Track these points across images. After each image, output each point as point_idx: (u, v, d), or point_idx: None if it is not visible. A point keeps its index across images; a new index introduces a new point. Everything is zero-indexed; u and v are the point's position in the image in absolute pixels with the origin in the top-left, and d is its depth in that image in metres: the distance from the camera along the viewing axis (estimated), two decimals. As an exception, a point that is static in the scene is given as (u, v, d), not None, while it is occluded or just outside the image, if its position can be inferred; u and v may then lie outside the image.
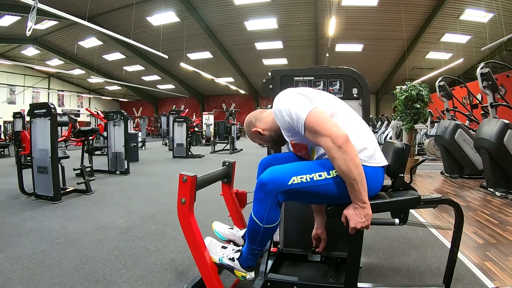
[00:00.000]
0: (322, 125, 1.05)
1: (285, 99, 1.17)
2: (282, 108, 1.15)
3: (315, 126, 1.06)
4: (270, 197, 1.11)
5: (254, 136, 1.38)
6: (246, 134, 1.44)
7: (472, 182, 4.32)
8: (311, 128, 1.07)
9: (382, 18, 10.63)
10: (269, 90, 1.79)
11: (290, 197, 1.15)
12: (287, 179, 1.10)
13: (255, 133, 1.36)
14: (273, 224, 1.16)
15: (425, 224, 2.54)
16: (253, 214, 1.17)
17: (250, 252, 1.25)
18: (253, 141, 1.43)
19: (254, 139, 1.41)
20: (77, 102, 22.65)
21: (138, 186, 4.23)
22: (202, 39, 13.05)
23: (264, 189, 1.11)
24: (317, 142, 1.08)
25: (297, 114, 1.10)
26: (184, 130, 7.89)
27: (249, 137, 1.42)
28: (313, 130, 1.07)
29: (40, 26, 11.95)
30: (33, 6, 5.24)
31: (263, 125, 1.34)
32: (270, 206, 1.12)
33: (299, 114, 1.09)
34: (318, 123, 1.06)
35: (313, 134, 1.08)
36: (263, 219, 1.14)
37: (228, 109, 21.00)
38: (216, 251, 1.31)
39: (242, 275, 1.27)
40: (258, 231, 1.17)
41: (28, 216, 2.79)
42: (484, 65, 3.80)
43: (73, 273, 1.70)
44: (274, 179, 1.10)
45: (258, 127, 1.34)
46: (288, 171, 1.12)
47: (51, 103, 3.38)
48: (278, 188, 1.10)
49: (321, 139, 1.05)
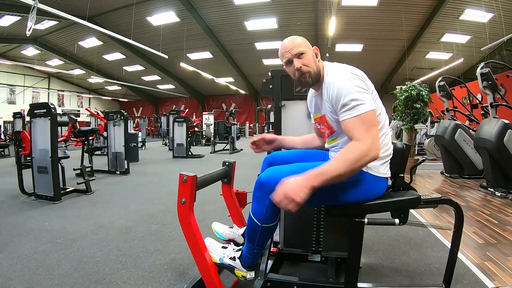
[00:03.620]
0: (370, 130, 1.02)
1: (349, 78, 1.07)
2: (342, 84, 1.06)
3: (364, 126, 1.01)
4: (268, 196, 1.11)
5: (308, 47, 1.19)
6: (298, 40, 1.20)
7: (472, 182, 4.32)
8: (364, 122, 1.02)
9: (382, 18, 10.62)
10: (269, 90, 1.79)
11: None
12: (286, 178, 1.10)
13: (313, 50, 1.21)
14: (271, 224, 1.17)
15: (425, 224, 2.54)
16: (251, 213, 1.18)
17: (249, 252, 1.25)
18: (300, 47, 1.18)
19: (304, 48, 1.18)
20: (77, 102, 22.64)
21: (138, 186, 4.23)
22: (202, 39, 13.04)
23: (263, 188, 1.13)
24: (351, 135, 1.04)
25: (355, 101, 1.03)
26: (184, 130, 7.89)
27: (302, 44, 1.20)
28: (363, 125, 1.02)
29: (40, 26, 11.94)
30: (33, 6, 5.24)
31: (319, 59, 1.20)
32: (268, 205, 1.12)
33: (358, 104, 1.03)
34: (368, 125, 1.02)
35: (355, 129, 1.02)
36: (261, 218, 1.15)
37: (228, 109, 20.99)
38: (216, 251, 1.31)
39: (242, 275, 1.27)
40: (257, 230, 1.18)
41: (28, 216, 2.79)
42: (484, 65, 3.80)
43: (73, 273, 1.70)
44: (273, 179, 1.11)
45: (316, 52, 1.21)
46: (287, 172, 1.12)
47: (51, 103, 3.38)
48: (275, 188, 1.11)
49: (358, 139, 1.01)
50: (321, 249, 1.72)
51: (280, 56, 1.24)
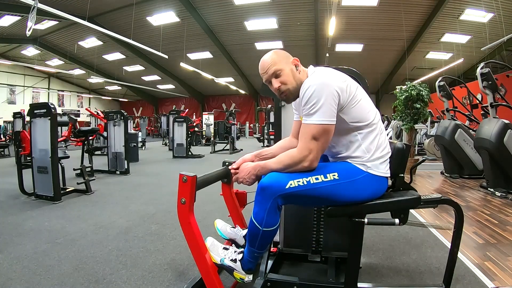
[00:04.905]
0: (311, 142, 1.10)
1: (320, 84, 1.09)
2: (310, 89, 1.09)
3: (308, 137, 1.10)
4: (269, 201, 1.14)
5: (285, 62, 1.21)
6: (273, 57, 1.22)
7: (472, 182, 4.32)
8: (311, 132, 1.10)
9: (382, 18, 10.62)
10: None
11: (289, 200, 1.17)
12: (285, 183, 1.13)
13: (291, 63, 1.23)
14: (272, 228, 1.18)
15: (425, 224, 2.54)
16: (253, 217, 1.19)
17: (250, 255, 1.26)
18: (275, 65, 1.20)
19: (280, 65, 1.21)
20: (77, 102, 22.63)
21: (138, 186, 4.23)
22: (202, 39, 13.04)
23: (264, 193, 1.15)
24: (300, 138, 1.14)
25: (313, 109, 1.08)
26: (184, 130, 7.89)
27: (277, 61, 1.21)
28: (309, 135, 1.10)
29: (40, 26, 11.94)
30: (33, 6, 5.23)
31: (299, 70, 1.24)
32: (269, 209, 1.14)
33: (313, 113, 1.09)
34: (313, 137, 1.10)
35: (306, 134, 1.11)
36: (262, 222, 1.16)
37: (228, 109, 20.98)
38: (217, 252, 1.31)
39: (240, 277, 1.28)
40: (258, 234, 1.18)
41: (28, 216, 2.79)
42: (484, 65, 3.80)
43: (73, 273, 1.70)
44: (273, 183, 1.13)
45: (296, 63, 1.24)
46: (286, 175, 1.15)
47: (51, 103, 3.38)
48: (276, 192, 1.13)
49: (298, 147, 1.13)
50: (321, 249, 1.72)
51: (261, 76, 1.29)
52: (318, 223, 1.72)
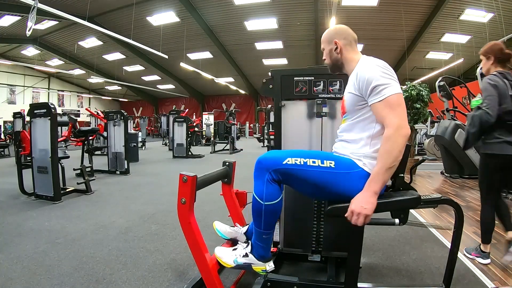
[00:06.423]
0: (402, 109, 1.10)
1: (378, 66, 1.18)
2: (371, 71, 1.15)
3: (396, 106, 1.09)
4: (265, 173, 1.17)
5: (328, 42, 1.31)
6: (324, 36, 1.34)
7: (472, 182, 4.32)
8: (391, 104, 1.09)
9: (382, 18, 10.62)
10: (269, 90, 1.79)
11: (284, 177, 1.18)
12: (282, 158, 1.16)
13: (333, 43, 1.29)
14: (273, 201, 1.19)
15: (425, 224, 2.54)
16: (254, 193, 1.21)
17: (259, 238, 1.25)
18: (322, 43, 1.35)
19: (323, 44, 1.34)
20: (77, 102, 22.63)
21: (138, 186, 4.23)
22: (202, 39, 13.04)
23: (260, 165, 1.19)
24: (384, 115, 1.10)
25: (381, 86, 1.11)
26: (184, 130, 7.90)
27: (324, 40, 1.34)
28: (392, 107, 1.09)
29: (40, 26, 11.94)
30: (33, 6, 5.23)
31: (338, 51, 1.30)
32: (267, 182, 1.17)
33: (388, 87, 1.11)
34: (399, 105, 1.10)
35: (386, 109, 1.09)
36: (263, 195, 1.18)
37: (228, 109, 20.98)
38: (228, 256, 1.31)
39: (262, 269, 1.27)
40: (261, 210, 1.19)
41: (28, 216, 2.79)
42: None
43: (73, 273, 1.70)
44: (271, 157, 1.18)
45: (337, 44, 1.30)
46: (286, 153, 1.19)
47: (51, 103, 3.38)
48: (273, 165, 1.16)
49: (392, 117, 1.08)
50: (321, 249, 1.72)
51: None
52: (318, 223, 1.72)
